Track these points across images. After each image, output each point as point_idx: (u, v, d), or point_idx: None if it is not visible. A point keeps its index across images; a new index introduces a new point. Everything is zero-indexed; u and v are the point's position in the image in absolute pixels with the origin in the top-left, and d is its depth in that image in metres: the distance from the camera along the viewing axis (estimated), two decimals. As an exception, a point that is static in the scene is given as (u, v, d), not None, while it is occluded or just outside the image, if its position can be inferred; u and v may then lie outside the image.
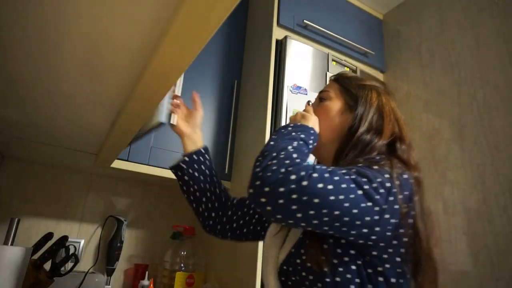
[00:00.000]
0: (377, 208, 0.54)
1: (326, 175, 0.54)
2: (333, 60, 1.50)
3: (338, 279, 0.57)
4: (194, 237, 1.48)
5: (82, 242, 1.40)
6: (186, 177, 0.84)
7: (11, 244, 0.84)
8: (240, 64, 1.60)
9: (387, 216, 0.55)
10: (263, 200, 0.53)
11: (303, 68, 1.40)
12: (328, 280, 0.58)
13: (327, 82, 1.42)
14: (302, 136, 0.65)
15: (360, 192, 0.54)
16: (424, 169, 1.52)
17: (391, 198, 0.56)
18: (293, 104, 1.31)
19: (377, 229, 0.55)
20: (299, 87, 1.34)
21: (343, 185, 0.53)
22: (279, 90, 1.32)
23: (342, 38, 1.56)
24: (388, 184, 0.57)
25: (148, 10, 0.41)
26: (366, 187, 0.55)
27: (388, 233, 0.57)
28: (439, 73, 1.51)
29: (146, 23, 0.43)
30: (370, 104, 0.74)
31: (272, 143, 0.63)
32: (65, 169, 1.44)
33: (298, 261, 0.63)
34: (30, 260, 0.93)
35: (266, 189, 0.53)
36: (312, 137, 0.68)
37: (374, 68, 1.74)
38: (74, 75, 0.60)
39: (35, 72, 0.60)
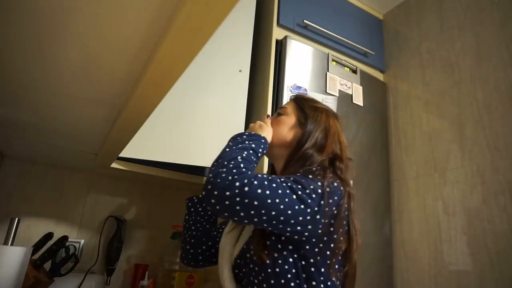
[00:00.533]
0: (309, 210, 0.66)
1: (266, 182, 0.65)
2: (333, 60, 1.50)
3: (277, 269, 0.69)
4: (194, 237, 1.48)
5: (82, 242, 1.40)
6: (192, 209, 0.97)
7: (11, 244, 0.84)
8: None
9: (318, 216, 0.67)
10: (213, 201, 0.65)
11: (303, 68, 1.40)
12: (269, 270, 0.70)
13: (327, 82, 1.43)
14: (253, 145, 0.77)
15: (294, 196, 0.66)
16: (424, 169, 1.53)
17: (322, 202, 0.68)
18: (293, 104, 1.31)
19: (310, 227, 0.67)
20: (299, 87, 1.34)
21: (280, 191, 0.65)
22: (279, 90, 1.32)
23: (342, 38, 1.56)
24: (319, 191, 0.69)
25: (148, 10, 0.41)
26: (299, 192, 0.67)
27: (319, 231, 0.69)
28: (439, 73, 1.51)
29: (147, 23, 0.43)
30: (319, 124, 0.86)
31: (227, 150, 0.75)
32: (65, 169, 1.44)
33: (248, 255, 0.75)
34: (30, 260, 0.93)
35: (215, 192, 0.64)
36: (262, 146, 0.79)
37: (374, 68, 1.74)
38: (74, 74, 0.60)
39: (35, 72, 0.60)
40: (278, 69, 1.36)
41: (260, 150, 0.79)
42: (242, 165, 0.69)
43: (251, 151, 0.75)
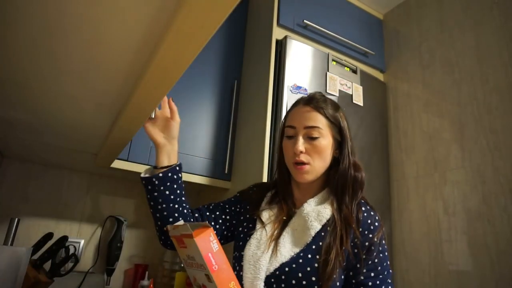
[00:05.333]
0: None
1: None
2: (333, 60, 1.50)
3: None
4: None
5: (82, 242, 1.40)
6: (155, 193, 0.81)
7: (11, 244, 0.84)
8: (240, 64, 1.60)
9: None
10: None
11: (303, 68, 1.40)
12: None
13: (327, 82, 1.43)
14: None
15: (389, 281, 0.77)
16: (424, 169, 1.53)
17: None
18: (293, 104, 1.31)
19: None
20: (299, 87, 1.34)
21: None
22: (279, 90, 1.32)
23: (342, 38, 1.56)
24: (388, 261, 0.79)
25: (148, 11, 0.41)
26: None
27: None
28: (439, 73, 1.51)
29: (146, 24, 0.43)
30: (347, 136, 0.83)
31: None
32: (65, 169, 1.44)
33: (308, 268, 0.72)
34: (30, 260, 0.93)
35: None
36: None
37: (374, 68, 1.74)
38: (74, 75, 0.60)
39: (35, 72, 0.60)
40: (278, 69, 1.36)
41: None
42: None
43: None
